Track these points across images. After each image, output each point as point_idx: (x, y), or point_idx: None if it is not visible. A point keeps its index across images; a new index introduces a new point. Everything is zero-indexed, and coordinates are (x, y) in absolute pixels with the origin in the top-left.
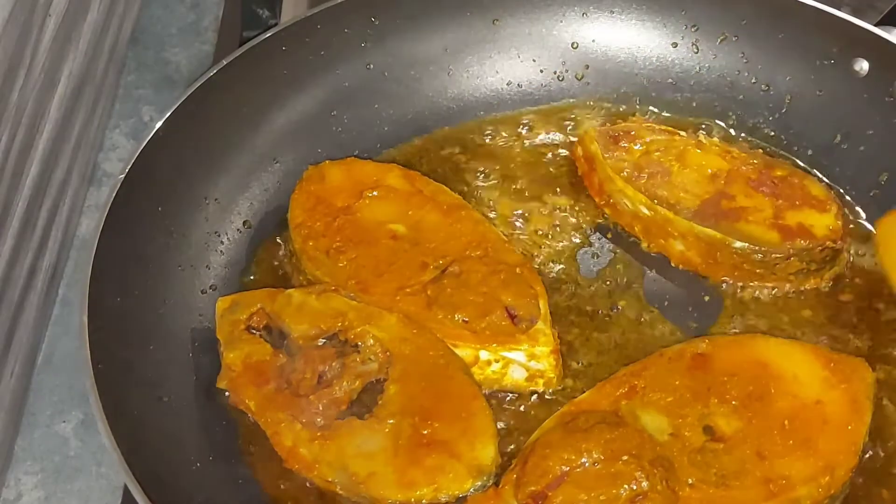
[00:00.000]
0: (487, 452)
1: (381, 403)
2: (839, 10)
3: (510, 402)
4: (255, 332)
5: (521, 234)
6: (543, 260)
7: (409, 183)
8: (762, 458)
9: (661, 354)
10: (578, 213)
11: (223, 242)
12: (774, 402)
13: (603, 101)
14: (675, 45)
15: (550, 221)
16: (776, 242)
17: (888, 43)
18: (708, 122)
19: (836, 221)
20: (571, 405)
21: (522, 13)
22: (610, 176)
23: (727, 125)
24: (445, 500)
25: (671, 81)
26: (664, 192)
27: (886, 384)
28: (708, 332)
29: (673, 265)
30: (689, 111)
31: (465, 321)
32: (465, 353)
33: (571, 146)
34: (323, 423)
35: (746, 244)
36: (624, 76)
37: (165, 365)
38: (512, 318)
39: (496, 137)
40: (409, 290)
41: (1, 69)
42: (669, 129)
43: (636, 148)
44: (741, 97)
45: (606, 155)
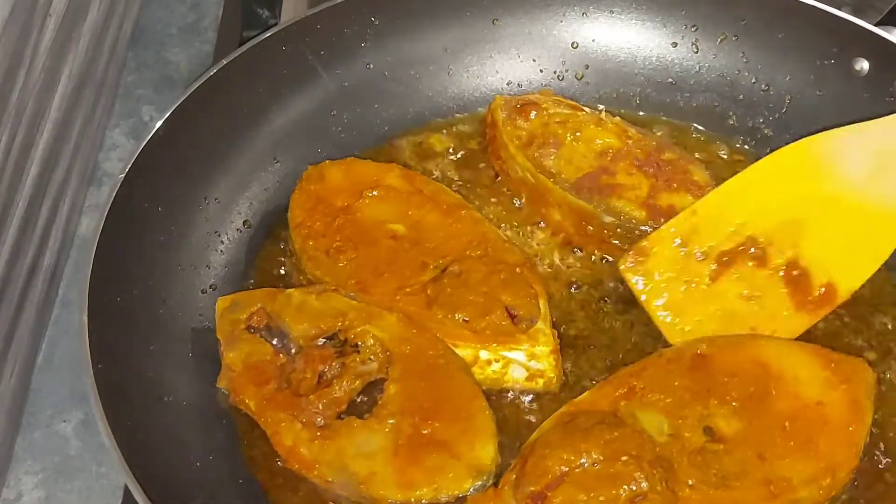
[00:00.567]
0: (487, 452)
1: (380, 403)
2: (839, 9)
3: (510, 401)
4: (255, 331)
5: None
6: (540, 256)
7: (409, 183)
8: (763, 459)
9: (660, 355)
10: None
11: (223, 242)
12: (775, 403)
13: (603, 100)
14: (675, 44)
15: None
16: (642, 220)
17: (888, 43)
18: (708, 121)
19: None
20: (571, 405)
21: (522, 13)
22: (504, 142)
23: (727, 125)
24: (445, 499)
25: (671, 81)
26: (550, 162)
27: None
28: None
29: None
30: (689, 111)
31: (465, 321)
32: (465, 352)
33: None
34: (323, 422)
35: (613, 218)
36: (624, 76)
37: (165, 365)
38: (512, 317)
39: None
40: (409, 289)
41: (1, 69)
42: (574, 104)
43: (536, 118)
44: (741, 97)
45: (508, 122)
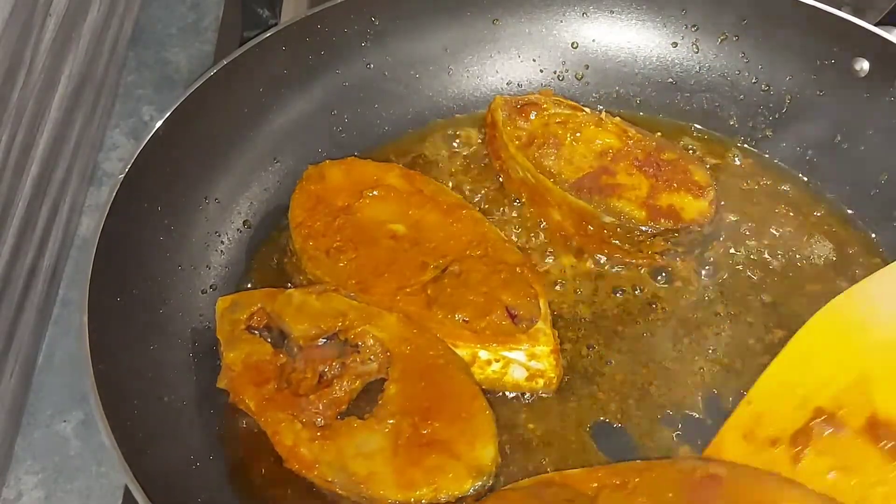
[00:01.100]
0: (487, 452)
1: (380, 403)
2: (839, 9)
3: (509, 401)
4: (255, 331)
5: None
6: (540, 256)
7: (409, 183)
8: None
9: (673, 463)
10: None
11: (223, 242)
12: None
13: (603, 100)
14: (675, 44)
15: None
16: (642, 220)
17: (888, 42)
18: (708, 121)
19: (707, 208)
20: (557, 475)
21: (522, 13)
22: (505, 142)
23: (727, 125)
24: (445, 500)
25: (671, 81)
26: (550, 162)
27: None
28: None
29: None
30: (689, 111)
31: (465, 321)
32: (464, 352)
33: None
34: (323, 422)
35: (613, 218)
36: (624, 76)
37: (165, 365)
38: (512, 317)
39: None
40: (409, 289)
41: (1, 69)
42: (574, 104)
43: (536, 119)
44: (741, 97)
45: (508, 122)
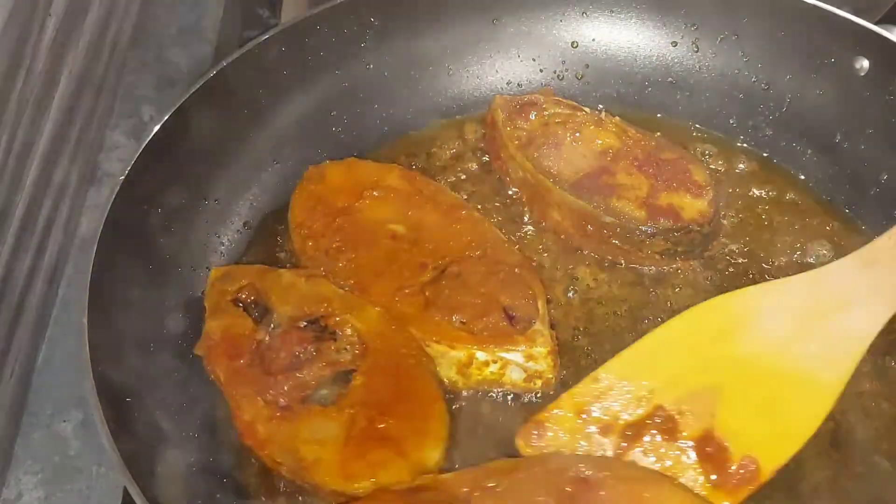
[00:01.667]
0: (433, 455)
1: (343, 394)
2: (840, 9)
3: (509, 401)
4: (241, 304)
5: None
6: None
7: (409, 183)
8: None
9: (542, 462)
10: None
11: (223, 243)
12: None
13: (603, 100)
14: (674, 44)
15: None
16: (642, 220)
17: (888, 41)
18: (708, 121)
19: (707, 207)
20: (431, 479)
21: (522, 13)
22: (505, 142)
23: (727, 125)
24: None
25: (671, 81)
26: (550, 162)
27: None
28: None
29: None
30: (689, 111)
31: (462, 322)
32: (462, 353)
33: None
34: (285, 403)
35: (613, 218)
36: (624, 75)
37: (166, 365)
38: (510, 318)
39: None
40: (407, 290)
41: (1, 69)
42: (573, 104)
43: (536, 119)
44: (741, 97)
45: (508, 122)
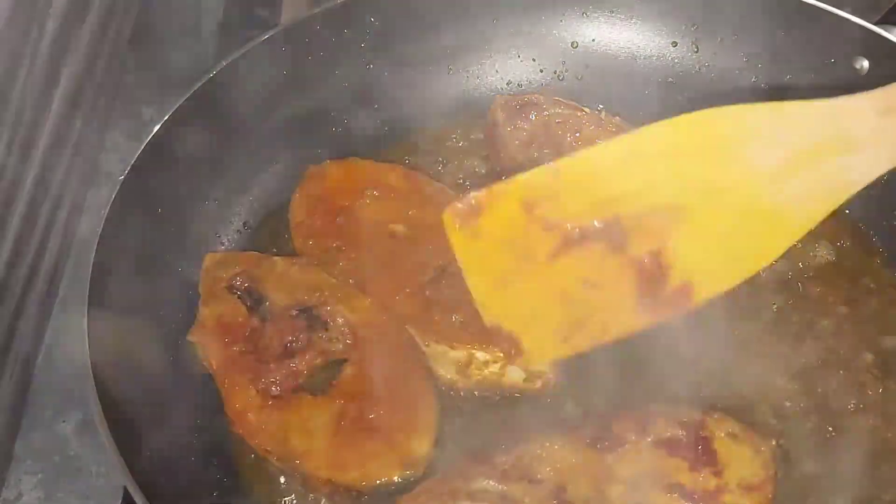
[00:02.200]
0: (422, 446)
1: (335, 383)
2: (840, 9)
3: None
4: (234, 292)
5: None
6: None
7: (409, 183)
8: None
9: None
10: None
11: (223, 243)
12: None
13: (603, 100)
14: (674, 44)
15: None
16: None
17: (889, 41)
18: None
19: None
20: (444, 481)
21: (522, 13)
22: (505, 142)
23: None
24: (369, 486)
25: (671, 81)
26: (549, 162)
27: None
28: None
29: None
30: (689, 111)
31: (462, 322)
32: (462, 353)
33: None
34: (277, 392)
35: None
36: (624, 76)
37: (166, 365)
38: None
39: None
40: (408, 290)
41: (1, 69)
42: (573, 104)
43: (536, 119)
44: (741, 97)
45: (508, 123)
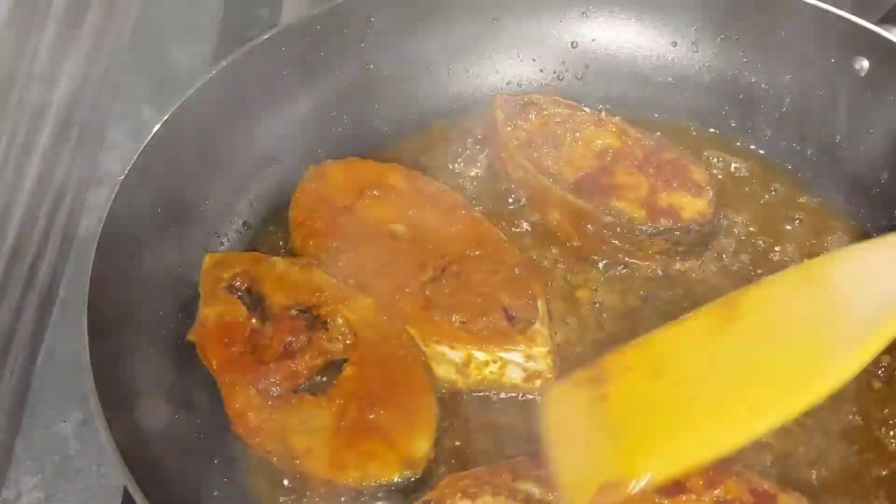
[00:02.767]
0: (421, 446)
1: (335, 384)
2: (840, 9)
3: (507, 401)
4: (234, 292)
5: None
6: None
7: (409, 183)
8: None
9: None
10: None
11: (223, 243)
12: None
13: (603, 100)
14: (674, 44)
15: None
16: (642, 220)
17: (889, 41)
18: (708, 121)
19: (707, 207)
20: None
21: (522, 13)
22: (505, 142)
23: (727, 125)
24: (371, 485)
25: (671, 81)
26: (549, 162)
27: None
28: None
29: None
30: (689, 111)
31: (462, 322)
32: (461, 353)
33: None
34: (277, 393)
35: (613, 218)
36: (624, 76)
37: (166, 366)
38: (510, 318)
39: None
40: (408, 290)
41: (1, 69)
42: (573, 104)
43: (536, 118)
44: (741, 97)
45: (508, 122)
